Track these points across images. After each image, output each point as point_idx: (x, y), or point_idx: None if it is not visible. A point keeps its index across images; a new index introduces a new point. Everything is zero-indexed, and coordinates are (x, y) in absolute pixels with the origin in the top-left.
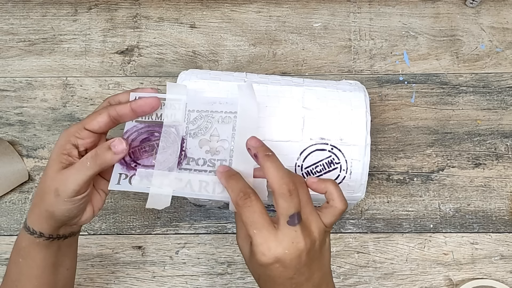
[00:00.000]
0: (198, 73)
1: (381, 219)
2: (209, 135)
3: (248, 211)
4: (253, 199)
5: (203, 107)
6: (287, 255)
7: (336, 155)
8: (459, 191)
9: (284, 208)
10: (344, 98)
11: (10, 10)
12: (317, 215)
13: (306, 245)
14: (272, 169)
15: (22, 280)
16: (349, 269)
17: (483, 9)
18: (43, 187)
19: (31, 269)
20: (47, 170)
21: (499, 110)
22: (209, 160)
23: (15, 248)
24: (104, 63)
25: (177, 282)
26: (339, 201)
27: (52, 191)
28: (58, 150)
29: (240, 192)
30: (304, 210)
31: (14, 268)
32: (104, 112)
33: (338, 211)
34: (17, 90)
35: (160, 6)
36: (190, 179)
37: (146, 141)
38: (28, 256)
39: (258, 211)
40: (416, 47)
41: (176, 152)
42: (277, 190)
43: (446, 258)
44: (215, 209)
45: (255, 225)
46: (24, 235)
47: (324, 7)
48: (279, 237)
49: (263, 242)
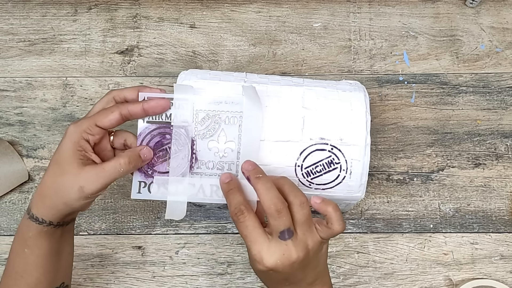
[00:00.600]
0: (198, 73)
1: (381, 219)
2: (217, 136)
3: (242, 226)
4: (246, 215)
5: (210, 107)
6: (280, 265)
7: (336, 155)
8: (459, 191)
9: (274, 225)
10: (344, 98)
11: (10, 10)
12: (314, 231)
13: (298, 257)
14: (262, 190)
15: (28, 270)
16: (349, 269)
17: (483, 9)
18: (63, 182)
19: (37, 258)
20: (64, 166)
21: (499, 110)
22: (218, 163)
23: (18, 239)
24: (104, 63)
25: (177, 282)
26: (337, 225)
27: (76, 188)
28: (73, 147)
29: (235, 208)
30: (302, 228)
31: (18, 259)
32: (116, 111)
33: (335, 233)
34: (17, 90)
35: (160, 6)
36: (202, 183)
37: (159, 145)
38: (34, 246)
39: (251, 226)
40: (416, 47)
41: (188, 156)
42: (267, 210)
43: (446, 258)
44: (215, 209)
45: (249, 238)
46: (30, 225)
47: (324, 7)
48: (271, 249)
49: (257, 253)
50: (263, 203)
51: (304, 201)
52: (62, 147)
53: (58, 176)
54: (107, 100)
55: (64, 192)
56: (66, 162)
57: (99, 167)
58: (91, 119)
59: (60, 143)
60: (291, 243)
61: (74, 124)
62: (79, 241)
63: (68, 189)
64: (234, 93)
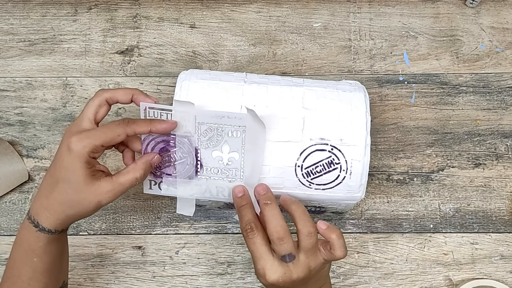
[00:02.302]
0: (198, 74)
1: (381, 219)
2: (220, 146)
3: (250, 242)
4: (255, 232)
5: (213, 120)
6: (281, 282)
7: (336, 156)
8: (459, 191)
9: (276, 250)
10: (344, 99)
11: (10, 10)
12: (318, 254)
13: (298, 276)
14: (268, 217)
15: (35, 277)
16: (349, 269)
17: (483, 9)
18: (78, 199)
19: (45, 265)
20: (77, 184)
21: (499, 110)
22: (223, 170)
23: (23, 250)
24: (104, 63)
25: (177, 282)
26: (339, 251)
27: (94, 203)
28: (84, 166)
29: (246, 225)
30: (306, 253)
31: (26, 268)
32: (122, 133)
33: (337, 259)
34: (17, 90)
35: (160, 6)
36: (208, 185)
37: (164, 151)
38: (44, 254)
39: (258, 243)
40: (416, 47)
41: (193, 162)
42: (270, 236)
43: (446, 258)
44: (215, 209)
45: (255, 254)
46: (40, 236)
47: (324, 7)
48: (274, 267)
49: (261, 268)
50: (268, 229)
51: (312, 232)
52: (69, 165)
53: (72, 194)
54: (99, 102)
55: (80, 207)
56: (78, 181)
57: (116, 182)
58: (96, 138)
59: (62, 158)
60: (292, 266)
61: (77, 139)
62: (79, 241)
63: (85, 205)
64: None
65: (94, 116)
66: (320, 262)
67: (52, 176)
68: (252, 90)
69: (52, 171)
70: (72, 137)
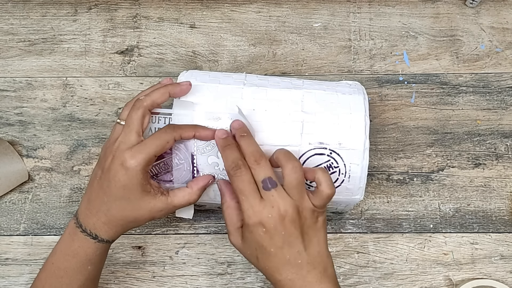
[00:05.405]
0: (197, 75)
1: (381, 219)
2: (216, 151)
3: (238, 180)
4: (243, 170)
5: (209, 123)
6: (271, 220)
7: (334, 160)
8: (459, 191)
9: (255, 176)
10: (343, 102)
11: (10, 10)
12: (306, 197)
13: (287, 211)
14: (244, 145)
15: (86, 284)
16: (349, 269)
17: (483, 9)
18: (136, 215)
19: (98, 271)
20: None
21: (499, 110)
22: (219, 175)
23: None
24: (104, 63)
25: (177, 282)
26: (326, 187)
27: (148, 219)
28: (140, 182)
29: (233, 163)
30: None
31: (78, 276)
32: (171, 139)
33: (326, 195)
34: (17, 90)
35: (160, 6)
36: (205, 189)
37: (160, 157)
38: (99, 262)
39: (247, 180)
40: (416, 47)
41: (189, 169)
42: (247, 160)
43: (446, 258)
44: (215, 209)
45: (243, 192)
46: (98, 246)
47: (324, 7)
48: (263, 203)
49: (249, 207)
50: (245, 155)
51: (297, 166)
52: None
53: (130, 211)
54: (142, 113)
55: (136, 222)
56: (137, 199)
57: (170, 204)
58: (148, 151)
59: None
60: (276, 194)
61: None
62: None
63: (141, 220)
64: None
65: (141, 128)
66: (310, 206)
67: (107, 194)
68: (251, 93)
69: (106, 189)
70: (125, 154)
